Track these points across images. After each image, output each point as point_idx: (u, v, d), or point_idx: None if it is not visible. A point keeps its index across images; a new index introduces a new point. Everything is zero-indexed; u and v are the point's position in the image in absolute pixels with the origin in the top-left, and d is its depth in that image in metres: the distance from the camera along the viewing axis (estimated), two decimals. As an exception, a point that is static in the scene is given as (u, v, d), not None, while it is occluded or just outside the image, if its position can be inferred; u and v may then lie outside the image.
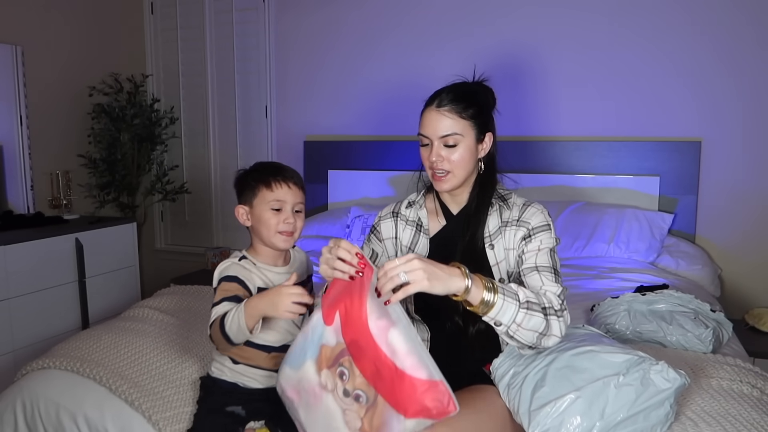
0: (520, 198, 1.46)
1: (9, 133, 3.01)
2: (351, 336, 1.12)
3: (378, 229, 1.54)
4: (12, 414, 1.53)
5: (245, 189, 1.43)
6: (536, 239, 1.37)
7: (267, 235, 1.40)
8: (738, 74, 2.68)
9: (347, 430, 1.14)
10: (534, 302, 1.23)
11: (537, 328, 1.22)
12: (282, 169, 1.42)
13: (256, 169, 1.44)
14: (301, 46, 3.43)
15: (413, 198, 1.54)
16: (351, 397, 1.13)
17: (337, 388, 1.15)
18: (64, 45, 3.33)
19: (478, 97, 1.40)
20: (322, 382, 1.17)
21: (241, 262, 1.40)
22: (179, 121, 3.68)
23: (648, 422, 1.15)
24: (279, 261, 1.46)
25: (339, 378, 1.15)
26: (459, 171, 1.39)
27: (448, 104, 1.37)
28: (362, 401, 1.12)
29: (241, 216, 1.43)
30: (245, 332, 1.26)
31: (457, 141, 1.37)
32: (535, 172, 2.91)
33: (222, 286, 1.36)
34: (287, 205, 1.39)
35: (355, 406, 1.13)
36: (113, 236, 3.08)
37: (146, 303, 2.08)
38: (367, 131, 3.32)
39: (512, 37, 2.99)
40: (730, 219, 2.75)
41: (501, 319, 1.20)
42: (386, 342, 1.08)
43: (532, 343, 1.24)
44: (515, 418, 1.25)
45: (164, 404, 1.44)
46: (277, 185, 1.39)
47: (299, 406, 1.21)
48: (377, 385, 1.10)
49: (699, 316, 1.76)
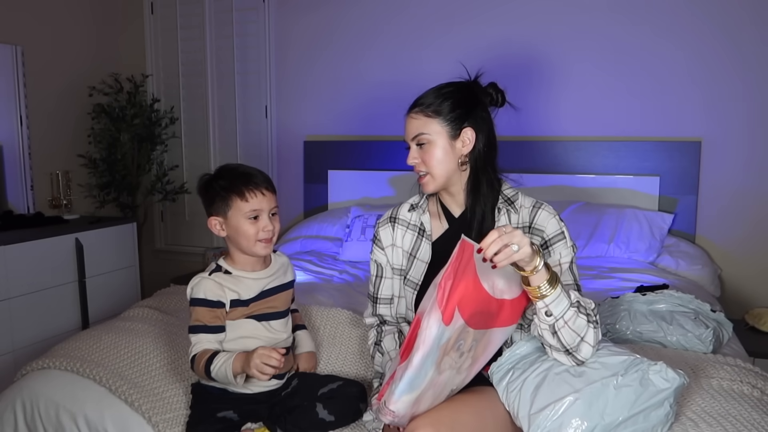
0: (527, 198, 1.43)
1: (9, 133, 3.01)
2: (469, 311, 1.16)
3: (378, 237, 1.53)
4: (12, 414, 1.53)
5: (215, 199, 1.40)
6: (554, 252, 1.35)
7: (247, 245, 1.39)
8: (738, 74, 2.68)
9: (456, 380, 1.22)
10: (582, 305, 1.22)
11: (580, 331, 1.21)
12: (252, 176, 1.39)
13: (222, 176, 1.40)
14: (301, 45, 3.43)
15: (416, 201, 1.51)
16: (458, 352, 1.19)
17: (455, 361, 1.20)
18: (64, 45, 3.33)
19: (452, 94, 1.37)
20: (442, 369, 1.18)
21: (213, 276, 1.39)
22: (179, 121, 3.67)
23: (648, 422, 1.15)
24: (258, 266, 1.45)
25: (457, 352, 1.19)
26: (436, 171, 1.37)
27: (417, 107, 1.38)
28: (463, 348, 1.19)
29: (215, 227, 1.41)
30: (232, 382, 1.31)
31: (427, 140, 1.37)
32: (535, 172, 2.91)
33: (192, 309, 1.38)
34: (264, 212, 1.38)
35: (462, 357, 1.20)
36: (113, 236, 3.08)
37: (146, 303, 2.08)
38: (368, 131, 3.32)
39: (512, 37, 2.98)
40: (730, 219, 2.75)
41: (553, 309, 1.18)
42: (492, 290, 1.18)
43: (570, 346, 1.21)
44: (515, 421, 1.25)
45: (164, 406, 1.44)
46: (251, 195, 1.37)
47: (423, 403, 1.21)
48: (487, 323, 1.20)
49: (699, 316, 1.76)
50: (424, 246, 1.45)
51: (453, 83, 1.41)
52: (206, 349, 1.35)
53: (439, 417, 1.18)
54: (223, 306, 1.37)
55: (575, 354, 1.22)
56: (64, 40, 3.33)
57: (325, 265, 2.71)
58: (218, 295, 1.37)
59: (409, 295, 1.46)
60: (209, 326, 1.36)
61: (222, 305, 1.37)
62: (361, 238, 2.82)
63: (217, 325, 1.37)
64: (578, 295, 1.25)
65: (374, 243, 1.54)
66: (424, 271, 1.44)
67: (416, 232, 1.47)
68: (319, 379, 1.49)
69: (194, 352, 1.35)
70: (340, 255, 2.86)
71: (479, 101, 1.40)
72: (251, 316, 1.41)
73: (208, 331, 1.36)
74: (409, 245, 1.47)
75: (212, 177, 1.42)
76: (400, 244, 1.49)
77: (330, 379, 1.47)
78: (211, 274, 1.40)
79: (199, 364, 1.34)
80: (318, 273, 2.59)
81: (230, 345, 1.39)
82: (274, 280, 1.46)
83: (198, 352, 1.35)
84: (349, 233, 2.88)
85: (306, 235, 3.09)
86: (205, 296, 1.36)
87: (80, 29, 3.43)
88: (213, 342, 1.36)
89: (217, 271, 1.42)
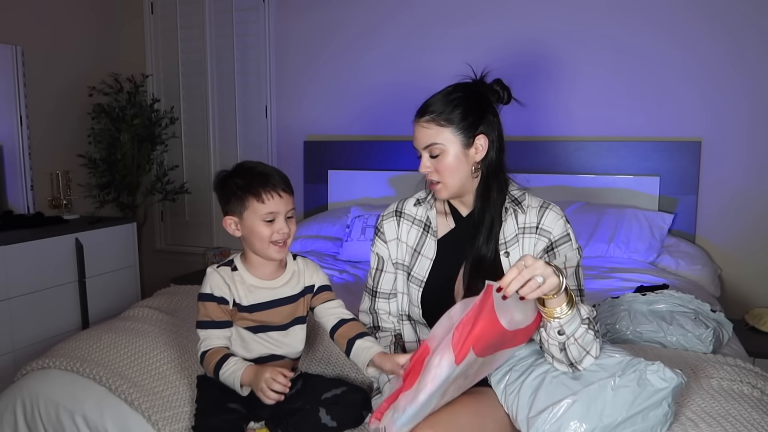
0: (534, 198, 1.41)
1: (9, 133, 3.01)
2: (482, 346, 1.13)
3: (381, 230, 1.50)
4: (12, 414, 1.53)
5: (231, 198, 1.37)
6: (560, 254, 1.33)
7: (260, 248, 1.37)
8: (738, 74, 2.68)
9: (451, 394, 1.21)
10: (591, 320, 1.21)
11: (587, 346, 1.20)
12: (269, 177, 1.35)
13: (239, 175, 1.36)
14: (301, 45, 3.43)
15: (422, 196, 1.49)
16: (464, 377, 1.18)
17: (459, 385, 1.20)
18: (64, 45, 3.33)
19: (463, 101, 1.34)
20: (446, 393, 1.18)
21: (219, 269, 1.37)
22: (179, 121, 3.68)
23: (647, 423, 1.15)
24: (270, 271, 1.41)
25: (463, 377, 1.18)
26: (449, 180, 1.35)
27: (427, 115, 1.34)
28: (470, 371, 1.18)
29: (230, 227, 1.39)
30: (237, 390, 1.30)
31: (441, 150, 1.34)
32: (535, 172, 2.91)
33: (200, 304, 1.36)
34: (280, 215, 1.35)
35: (468, 379, 1.20)
36: (113, 236, 3.08)
37: (146, 303, 2.07)
38: (368, 131, 3.32)
39: (511, 36, 2.98)
40: (730, 219, 2.75)
41: (566, 328, 1.17)
42: (509, 323, 1.14)
43: (575, 360, 1.20)
44: (514, 424, 1.25)
45: (164, 404, 1.44)
46: (268, 196, 1.33)
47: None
48: (497, 348, 1.18)
49: (699, 316, 1.76)
50: (429, 242, 1.44)
51: (460, 86, 1.38)
52: (218, 347, 1.34)
53: (439, 419, 1.18)
54: (227, 303, 1.36)
55: (577, 365, 1.22)
56: (64, 40, 3.33)
57: (325, 265, 2.71)
58: (223, 291, 1.36)
59: (415, 292, 1.44)
60: (217, 321, 1.35)
61: (226, 302, 1.36)
62: (361, 238, 2.82)
63: (225, 320, 1.36)
64: (587, 309, 1.23)
65: (376, 235, 1.51)
66: (429, 267, 1.42)
67: (421, 228, 1.45)
68: (323, 382, 1.47)
69: (204, 348, 1.34)
70: (340, 255, 2.86)
71: (488, 104, 1.37)
72: (246, 327, 1.38)
73: (216, 326, 1.35)
74: (414, 241, 1.45)
75: (229, 174, 1.38)
76: (405, 239, 1.47)
77: (334, 384, 1.44)
78: (219, 267, 1.39)
79: (210, 363, 1.32)
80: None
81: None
82: (279, 291, 1.42)
83: (210, 350, 1.33)
84: (349, 233, 2.88)
85: (306, 235, 3.09)
86: (212, 291, 1.36)
87: (80, 29, 3.43)
88: (222, 338, 1.35)
89: (227, 266, 1.40)
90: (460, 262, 1.40)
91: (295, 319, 1.44)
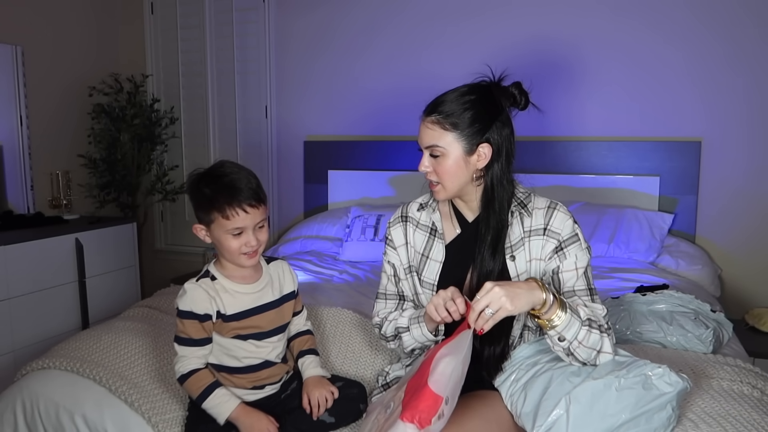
0: (540, 199, 1.38)
1: (9, 133, 3.01)
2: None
3: (390, 238, 1.48)
4: (12, 414, 1.53)
5: (200, 206, 1.33)
6: (570, 254, 1.32)
7: (230, 258, 1.36)
8: (738, 74, 2.68)
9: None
10: (593, 320, 1.22)
11: (595, 345, 1.21)
12: (236, 191, 1.29)
13: (208, 183, 1.31)
14: (302, 45, 3.42)
15: (424, 200, 1.47)
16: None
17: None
18: (64, 45, 3.33)
19: (474, 105, 1.30)
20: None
21: (200, 283, 1.36)
22: (179, 121, 3.67)
23: (650, 425, 1.15)
24: (246, 275, 1.41)
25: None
26: (447, 182, 1.33)
27: (434, 114, 1.31)
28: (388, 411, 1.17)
29: (200, 233, 1.37)
30: (219, 419, 1.32)
31: (441, 153, 1.31)
32: (535, 171, 2.90)
33: (178, 320, 1.36)
34: (248, 228, 1.32)
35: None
36: (113, 236, 3.08)
37: (146, 303, 2.08)
38: (368, 131, 3.32)
39: (511, 37, 2.98)
40: (730, 219, 2.75)
41: (566, 334, 1.18)
42: (437, 365, 1.13)
43: (587, 360, 1.22)
44: (517, 422, 1.24)
45: (164, 406, 1.44)
46: (233, 213, 1.29)
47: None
48: (405, 399, 1.13)
49: (699, 316, 1.76)
50: (437, 247, 1.42)
51: (475, 88, 1.33)
52: (203, 372, 1.35)
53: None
54: (210, 319, 1.35)
55: (591, 363, 1.23)
56: (64, 40, 3.33)
57: (325, 265, 2.71)
58: (205, 308, 1.34)
59: (428, 294, 1.43)
60: (195, 339, 1.34)
61: (209, 318, 1.34)
62: (361, 238, 2.82)
63: (204, 338, 1.35)
64: (586, 310, 1.23)
65: (387, 244, 1.50)
66: (438, 270, 1.41)
67: (427, 232, 1.44)
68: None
69: (185, 369, 1.34)
70: (340, 255, 2.86)
71: (500, 110, 1.32)
72: (235, 336, 1.38)
73: (194, 344, 1.34)
74: (421, 245, 1.44)
75: (200, 178, 1.34)
76: (413, 243, 1.45)
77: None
78: (198, 280, 1.37)
79: (194, 387, 1.33)
80: (318, 273, 2.59)
81: (210, 357, 1.39)
82: (260, 296, 1.41)
83: (194, 373, 1.34)
84: (349, 233, 2.88)
85: (306, 235, 3.09)
86: (192, 309, 1.33)
87: (80, 29, 3.43)
88: (200, 356, 1.36)
89: (205, 277, 1.38)
90: (468, 264, 1.39)
91: (281, 326, 1.45)
